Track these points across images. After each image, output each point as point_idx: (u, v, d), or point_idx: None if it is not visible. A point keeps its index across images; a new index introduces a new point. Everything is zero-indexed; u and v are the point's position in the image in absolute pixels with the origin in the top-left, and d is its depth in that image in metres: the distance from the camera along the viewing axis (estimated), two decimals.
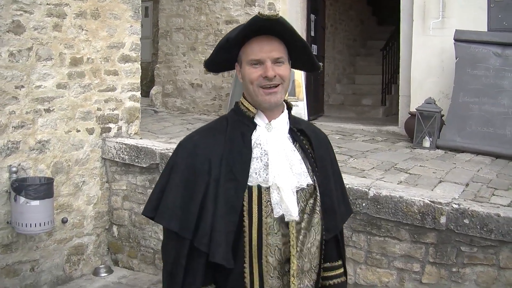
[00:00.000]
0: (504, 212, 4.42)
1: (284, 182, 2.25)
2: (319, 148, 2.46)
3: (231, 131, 2.30)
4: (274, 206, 2.24)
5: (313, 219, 2.32)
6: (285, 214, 2.23)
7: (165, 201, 2.27)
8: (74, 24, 6.13)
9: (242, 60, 2.31)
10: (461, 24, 7.97)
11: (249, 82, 2.27)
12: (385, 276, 4.90)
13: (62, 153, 6.10)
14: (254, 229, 2.22)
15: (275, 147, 2.30)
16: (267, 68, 2.24)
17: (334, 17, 13.13)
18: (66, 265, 6.25)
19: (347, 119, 10.72)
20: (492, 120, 7.36)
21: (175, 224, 2.22)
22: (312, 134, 2.46)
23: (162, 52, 10.77)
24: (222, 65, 2.47)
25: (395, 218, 4.74)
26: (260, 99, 2.28)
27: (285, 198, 2.23)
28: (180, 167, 2.28)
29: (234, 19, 9.57)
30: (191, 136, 2.39)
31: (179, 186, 2.25)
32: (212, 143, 2.28)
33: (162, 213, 2.27)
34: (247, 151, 2.27)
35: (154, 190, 2.37)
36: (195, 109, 10.31)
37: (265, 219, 2.23)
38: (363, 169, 5.89)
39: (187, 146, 2.34)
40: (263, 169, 2.26)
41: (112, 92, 6.64)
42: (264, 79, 2.24)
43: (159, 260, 6.35)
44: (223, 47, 2.31)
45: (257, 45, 2.26)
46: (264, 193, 2.24)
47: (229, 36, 2.28)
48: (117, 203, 6.67)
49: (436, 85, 8.33)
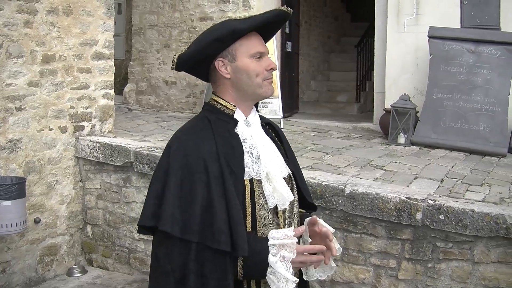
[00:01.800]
0: (478, 207, 4.45)
1: (276, 172, 2.31)
2: (286, 140, 2.56)
3: (216, 128, 2.28)
4: (268, 198, 2.27)
5: (294, 207, 2.41)
6: (278, 204, 2.29)
7: (165, 207, 2.17)
8: (45, 21, 6.02)
9: (239, 54, 2.28)
10: (435, 21, 8.03)
11: (254, 75, 2.29)
12: (362, 272, 4.91)
13: (34, 152, 6.00)
14: (248, 222, 2.23)
15: (260, 140, 2.35)
16: (270, 61, 2.34)
17: (308, 14, 13.14)
18: (39, 266, 6.16)
19: (322, 116, 10.74)
20: (465, 116, 7.43)
21: (177, 230, 2.13)
22: (277, 127, 2.55)
23: (135, 49, 10.67)
24: (197, 63, 2.38)
25: (372, 215, 4.75)
26: (265, 90, 2.33)
27: (278, 187, 2.28)
28: (174, 169, 2.19)
29: (208, 16, 9.51)
30: (178, 136, 2.31)
31: (176, 188, 2.17)
32: (201, 141, 2.24)
33: (164, 219, 2.16)
34: (238, 145, 2.27)
35: (148, 196, 2.27)
36: (169, 107, 10.24)
37: (259, 211, 2.25)
38: (338, 166, 5.89)
39: (178, 147, 2.26)
40: (254, 162, 2.28)
41: (85, 90, 6.55)
42: (269, 71, 2.32)
43: (134, 259, 6.31)
44: (223, 38, 2.25)
45: (256, 39, 2.32)
46: (256, 186, 2.26)
47: (236, 27, 2.23)
48: (91, 202, 6.59)
49: (410, 82, 8.38)
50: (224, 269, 2.12)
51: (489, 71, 7.47)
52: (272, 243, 2.17)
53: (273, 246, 2.17)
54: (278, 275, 2.14)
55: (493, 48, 7.49)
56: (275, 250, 2.16)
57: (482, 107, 7.40)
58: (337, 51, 14.79)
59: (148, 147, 6.21)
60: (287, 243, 2.16)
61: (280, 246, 2.16)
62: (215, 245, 2.10)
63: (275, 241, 2.17)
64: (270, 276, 2.16)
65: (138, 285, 6.00)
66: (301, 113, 10.98)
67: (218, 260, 2.12)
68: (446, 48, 7.71)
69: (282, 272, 2.13)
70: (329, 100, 12.64)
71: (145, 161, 5.99)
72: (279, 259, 2.15)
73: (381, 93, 8.87)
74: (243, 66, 2.28)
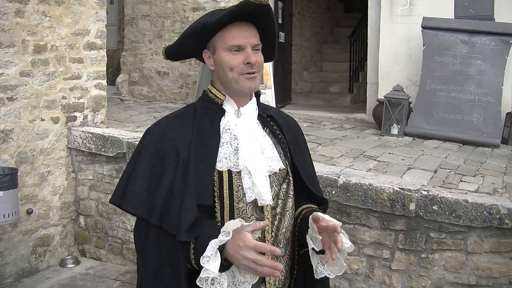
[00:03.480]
0: (472, 198, 4.46)
1: (255, 166, 2.22)
2: (290, 132, 2.44)
3: (199, 116, 2.26)
4: (246, 191, 2.20)
5: (287, 204, 2.32)
6: (257, 199, 2.20)
7: (132, 187, 2.19)
8: (37, 10, 5.97)
9: (217, 46, 2.23)
10: (428, 11, 8.03)
11: (228, 69, 2.21)
12: (355, 263, 4.91)
13: (26, 142, 5.96)
14: (225, 214, 2.18)
15: (244, 131, 2.28)
16: (250, 54, 2.19)
17: (301, 4, 13.11)
18: (32, 256, 6.13)
19: (315, 106, 10.73)
20: (459, 107, 7.44)
21: (143, 210, 2.15)
22: (282, 120, 2.45)
23: (128, 39, 10.62)
24: (187, 53, 2.39)
25: (365, 205, 4.75)
26: (241, 85, 2.22)
27: (257, 182, 2.20)
28: (147, 152, 2.22)
29: (201, 6, 9.48)
30: (159, 122, 2.33)
31: (146, 171, 2.18)
32: (180, 128, 2.23)
33: (128, 199, 2.20)
34: (216, 135, 2.23)
35: (121, 177, 2.30)
36: (162, 97, 10.20)
37: (237, 204, 2.20)
38: (332, 157, 5.88)
39: (155, 131, 2.27)
40: (233, 153, 2.23)
41: (78, 80, 6.51)
42: (246, 65, 2.20)
43: (127, 250, 6.29)
44: (197, 32, 2.23)
45: (237, 31, 2.21)
46: (235, 178, 2.20)
47: (206, 20, 2.19)
48: (84, 193, 6.56)
49: (403, 73, 8.38)
50: (178, 254, 2.10)
51: (482, 62, 7.47)
52: (223, 230, 2.03)
53: (223, 232, 2.02)
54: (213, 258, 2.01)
55: (487, 38, 7.49)
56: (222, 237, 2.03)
57: (476, 98, 7.41)
58: (330, 42, 14.76)
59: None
60: (229, 228, 2.03)
61: (228, 233, 2.02)
62: (170, 229, 2.08)
63: (225, 227, 2.04)
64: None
65: (131, 275, 5.99)
66: (294, 104, 10.98)
67: (173, 244, 2.09)
68: (440, 39, 7.71)
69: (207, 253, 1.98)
70: (322, 91, 12.64)
71: None
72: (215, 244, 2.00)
73: (374, 84, 8.86)
74: (219, 60, 2.23)
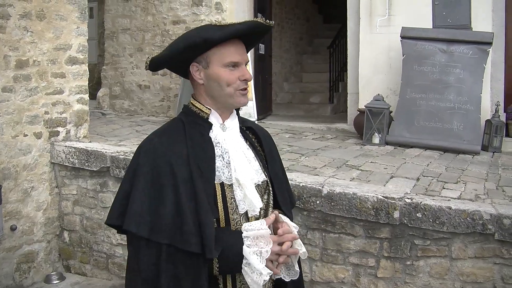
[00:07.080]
0: (455, 204, 4.52)
1: (247, 179, 2.29)
2: (267, 145, 2.53)
3: (189, 131, 2.29)
4: (238, 203, 2.28)
5: (268, 213, 2.38)
6: (248, 210, 2.28)
7: (132, 207, 2.18)
8: (18, 26, 5.96)
9: (212, 61, 2.27)
10: (407, 21, 8.12)
11: (225, 85, 2.27)
12: (341, 272, 4.94)
13: (9, 158, 5.94)
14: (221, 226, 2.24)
15: (233, 145, 2.34)
16: (245, 71, 2.29)
17: (280, 16, 13.19)
18: (16, 273, 6.09)
19: (296, 117, 10.78)
20: (439, 115, 7.52)
21: (144, 230, 2.15)
22: (260, 132, 2.53)
23: (108, 53, 10.60)
24: (173, 65, 2.41)
25: (349, 214, 4.79)
26: (236, 100, 2.31)
27: (248, 194, 2.28)
28: (143, 170, 2.22)
29: (181, 19, 9.50)
30: (150, 139, 2.33)
31: (144, 190, 2.19)
32: (172, 144, 2.25)
33: (130, 219, 2.17)
34: (210, 148, 2.28)
35: (116, 197, 2.30)
36: (143, 111, 10.19)
37: (231, 215, 2.26)
38: (315, 167, 5.92)
39: (148, 148, 2.28)
40: (226, 166, 2.29)
41: (60, 95, 6.50)
42: (242, 82, 2.28)
43: (113, 264, 6.27)
44: (196, 46, 2.24)
45: (233, 48, 2.27)
46: (227, 191, 2.27)
47: (206, 36, 2.21)
48: (68, 208, 6.53)
49: (383, 82, 8.45)
50: (197, 269, 2.14)
51: (461, 70, 7.57)
52: (246, 235, 2.19)
53: (247, 238, 2.18)
54: (252, 267, 2.16)
55: (465, 47, 7.60)
56: (249, 242, 2.18)
57: (455, 106, 7.50)
58: (309, 53, 14.86)
59: (124, 152, 6.18)
60: (260, 234, 2.18)
61: (254, 237, 2.18)
62: (186, 247, 2.12)
63: (248, 232, 2.19)
64: (245, 268, 2.17)
65: None
66: (275, 115, 11.01)
67: (190, 261, 2.13)
68: (419, 48, 7.80)
69: (256, 264, 2.15)
70: (303, 102, 12.70)
71: (122, 166, 5.96)
72: (254, 252, 2.16)
73: (355, 94, 8.93)
74: (214, 75, 2.27)
